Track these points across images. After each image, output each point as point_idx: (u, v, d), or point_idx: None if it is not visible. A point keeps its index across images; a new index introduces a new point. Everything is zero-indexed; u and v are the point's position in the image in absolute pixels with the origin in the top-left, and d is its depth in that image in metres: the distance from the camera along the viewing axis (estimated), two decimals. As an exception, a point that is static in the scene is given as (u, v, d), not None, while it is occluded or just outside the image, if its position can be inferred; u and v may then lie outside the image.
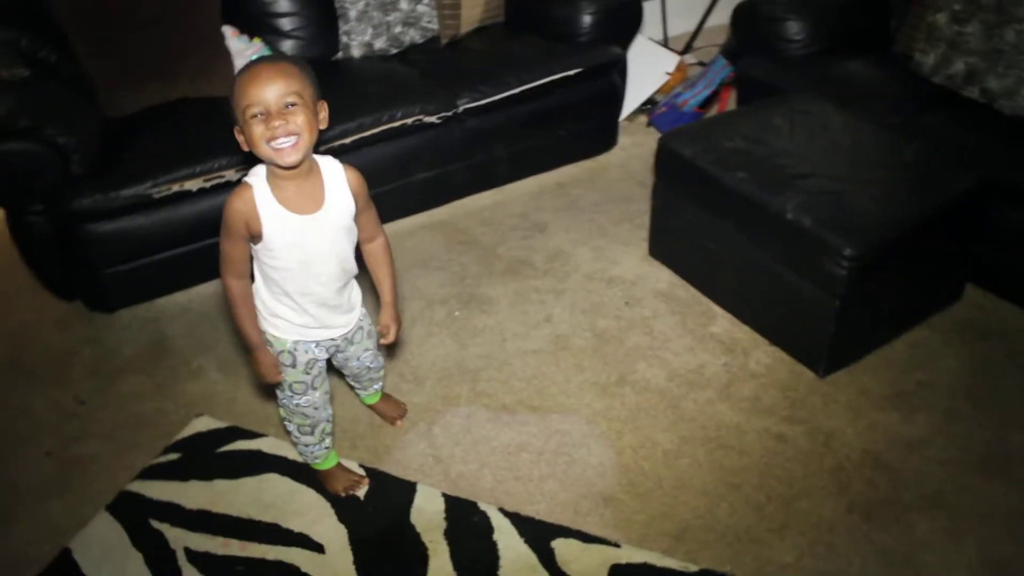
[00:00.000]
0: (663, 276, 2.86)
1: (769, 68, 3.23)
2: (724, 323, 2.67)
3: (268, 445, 2.29)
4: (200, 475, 2.21)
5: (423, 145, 3.03)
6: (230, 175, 2.69)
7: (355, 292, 1.94)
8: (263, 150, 1.60)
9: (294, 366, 1.91)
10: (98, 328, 2.74)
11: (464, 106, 3.03)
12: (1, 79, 2.54)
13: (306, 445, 2.10)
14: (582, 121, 3.39)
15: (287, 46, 3.19)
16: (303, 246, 1.72)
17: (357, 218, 1.80)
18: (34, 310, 2.84)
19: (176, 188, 2.63)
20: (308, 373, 1.94)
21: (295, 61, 1.64)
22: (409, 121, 2.94)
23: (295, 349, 1.89)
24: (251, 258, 1.78)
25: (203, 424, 2.36)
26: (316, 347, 1.91)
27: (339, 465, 2.19)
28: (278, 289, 1.79)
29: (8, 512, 2.17)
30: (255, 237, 1.70)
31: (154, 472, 2.23)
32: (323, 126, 1.67)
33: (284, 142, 1.59)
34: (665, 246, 2.90)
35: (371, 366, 2.14)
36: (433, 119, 2.98)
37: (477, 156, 3.18)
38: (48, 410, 2.46)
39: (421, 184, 3.11)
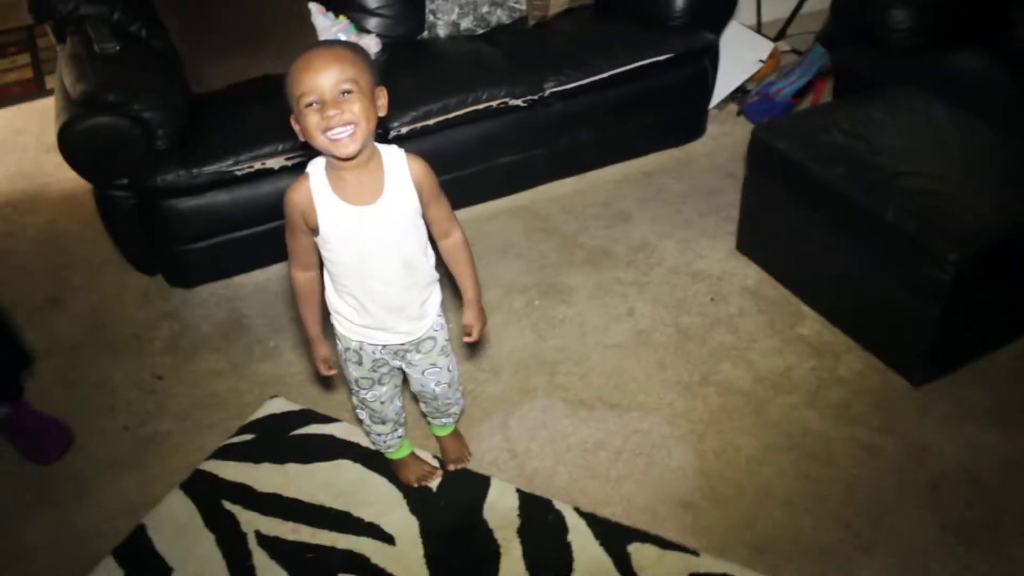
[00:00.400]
0: (751, 272, 2.75)
1: (870, 59, 3.08)
2: (813, 324, 2.55)
3: (341, 430, 2.26)
4: (273, 458, 2.19)
5: (507, 128, 2.96)
6: (312, 154, 2.66)
7: (432, 299, 1.84)
8: (319, 140, 1.52)
9: (360, 363, 1.86)
10: (177, 304, 2.75)
11: (551, 89, 2.95)
12: (92, 53, 2.55)
13: (378, 434, 2.06)
14: (670, 108, 3.28)
15: (372, 23, 3.15)
16: (358, 238, 1.64)
17: (425, 212, 1.71)
18: (117, 283, 2.86)
19: (258, 165, 2.62)
20: (375, 371, 1.89)
21: (350, 46, 1.55)
22: (494, 104, 2.87)
23: (361, 348, 1.84)
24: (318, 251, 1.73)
25: (277, 406, 2.34)
26: (383, 349, 1.85)
27: (412, 455, 2.15)
28: (340, 286, 1.74)
29: (86, 485, 2.18)
30: (314, 230, 1.65)
31: (228, 452, 2.22)
32: (382, 113, 1.57)
33: (340, 132, 1.50)
34: (754, 241, 2.79)
35: (437, 391, 1.97)
36: (519, 102, 2.91)
37: (561, 141, 3.10)
38: (127, 384, 2.47)
39: (503, 168, 3.04)
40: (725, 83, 3.53)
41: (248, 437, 2.26)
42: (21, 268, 3.00)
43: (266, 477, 2.15)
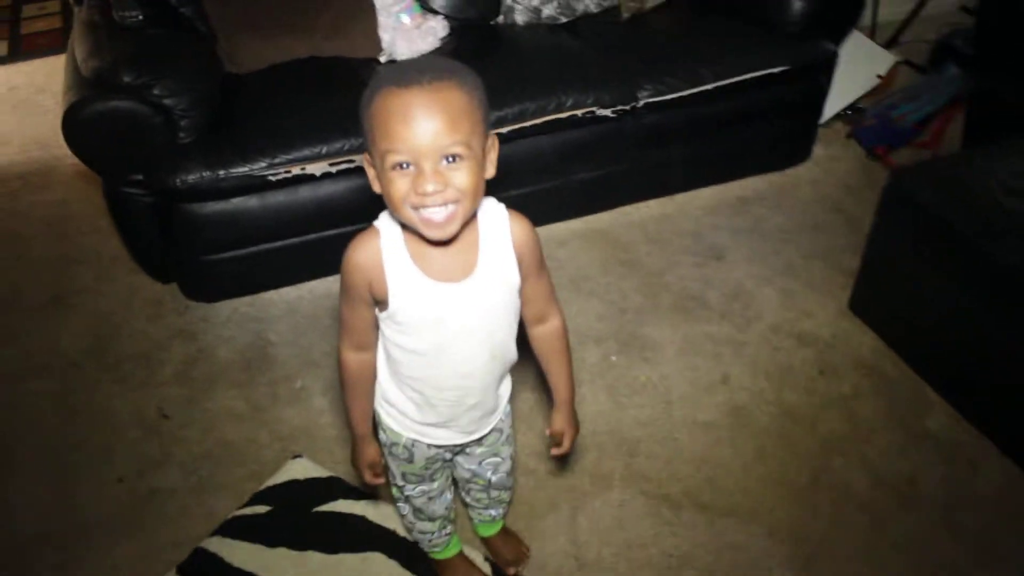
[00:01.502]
0: (866, 341, 2.32)
1: (1026, 90, 2.61)
2: (942, 417, 2.12)
3: (374, 512, 1.87)
4: (291, 541, 1.81)
5: (589, 141, 2.53)
6: (361, 159, 2.25)
7: (505, 386, 1.47)
8: (404, 213, 1.11)
9: (411, 461, 1.48)
10: (193, 320, 2.36)
11: (645, 100, 2.51)
12: (111, 21, 2.14)
13: (422, 532, 1.68)
14: (775, 127, 2.82)
15: (440, 3, 2.70)
16: (443, 325, 1.25)
17: (522, 287, 1.31)
18: (127, 287, 2.47)
19: (296, 171, 2.21)
20: (427, 469, 1.52)
21: (463, 77, 1.10)
22: (579, 113, 2.44)
23: (413, 446, 1.45)
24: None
25: (300, 469, 1.96)
26: (439, 448, 1.47)
27: (461, 555, 1.77)
28: (403, 376, 1.34)
29: (69, 553, 1.82)
30: (380, 303, 1.25)
31: (238, 527, 1.84)
32: (491, 173, 1.16)
33: (436, 212, 1.10)
34: (874, 303, 2.35)
35: (493, 480, 1.60)
36: (607, 112, 2.47)
37: (649, 158, 2.66)
38: (129, 419, 2.09)
39: (580, 185, 2.61)
40: (835, 99, 3.05)
41: (263, 509, 1.88)
42: (26, 256, 2.63)
43: (282, 568, 1.77)
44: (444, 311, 1.24)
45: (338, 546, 1.81)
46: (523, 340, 1.39)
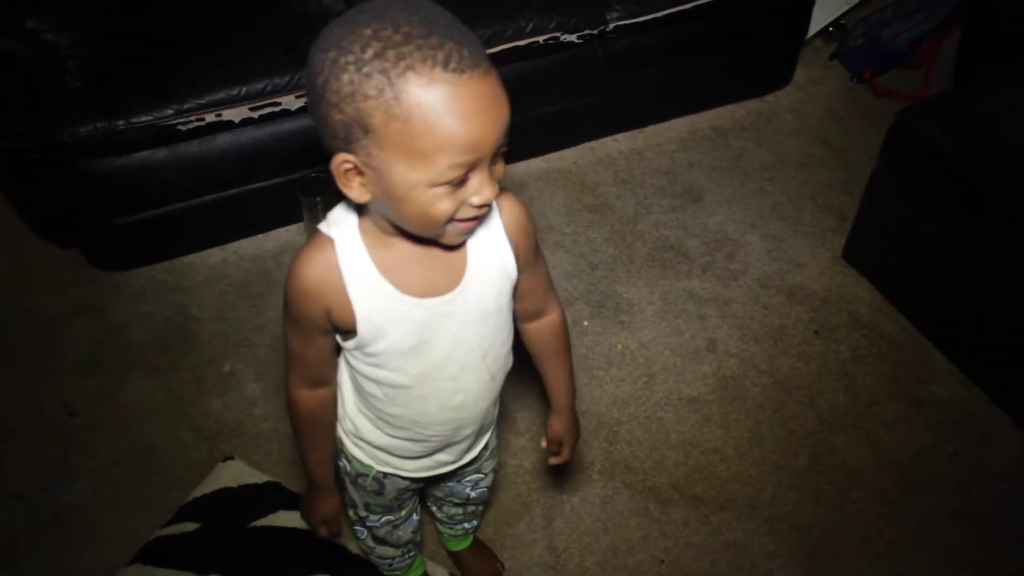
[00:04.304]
0: (863, 295, 2.10)
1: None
2: (949, 382, 1.93)
3: (322, 524, 1.62)
4: (226, 566, 1.56)
5: (553, 70, 2.22)
6: (288, 102, 1.92)
7: (497, 402, 1.21)
8: (435, 231, 0.87)
9: (380, 493, 1.23)
10: (101, 292, 2.03)
11: (616, 22, 2.19)
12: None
13: (382, 557, 1.43)
14: (756, 47, 2.52)
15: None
16: (429, 349, 0.98)
17: (517, 281, 1.03)
18: (22, 250, 2.11)
19: (210, 118, 1.87)
20: (398, 499, 1.27)
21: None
22: (541, 39, 2.12)
23: (385, 478, 1.19)
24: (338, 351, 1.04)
25: (233, 474, 1.69)
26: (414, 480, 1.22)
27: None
28: (380, 412, 1.06)
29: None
30: (345, 332, 0.97)
31: (161, 551, 1.58)
32: None
33: (474, 223, 0.89)
34: (871, 253, 2.12)
35: (472, 496, 1.38)
36: (572, 38, 2.16)
37: (618, 87, 2.36)
38: (26, 418, 1.79)
39: (542, 120, 2.30)
40: (817, 14, 2.73)
41: (191, 527, 1.61)
42: None
43: (215, 602, 1.52)
44: (430, 333, 0.97)
45: (280, 570, 1.56)
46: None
